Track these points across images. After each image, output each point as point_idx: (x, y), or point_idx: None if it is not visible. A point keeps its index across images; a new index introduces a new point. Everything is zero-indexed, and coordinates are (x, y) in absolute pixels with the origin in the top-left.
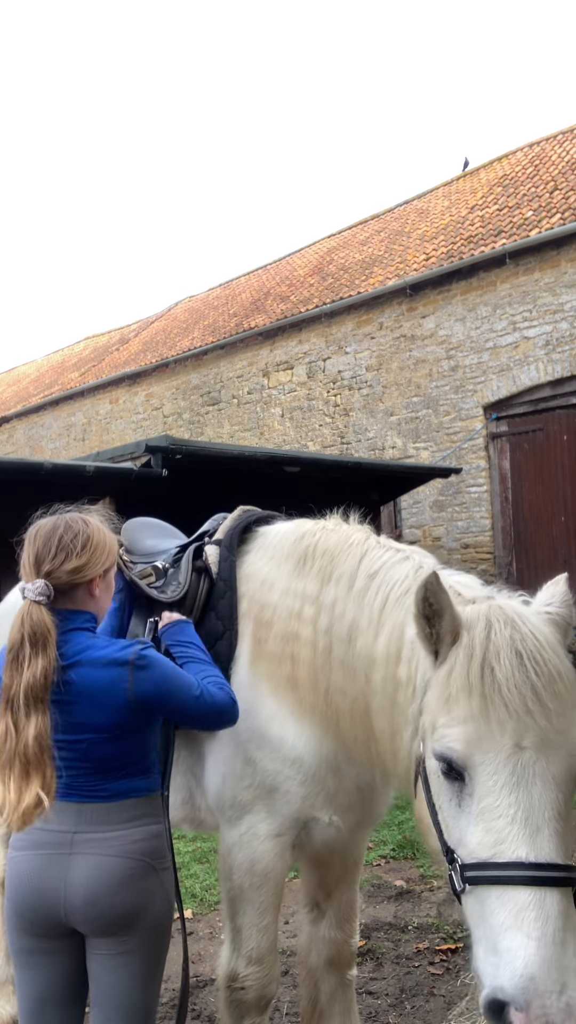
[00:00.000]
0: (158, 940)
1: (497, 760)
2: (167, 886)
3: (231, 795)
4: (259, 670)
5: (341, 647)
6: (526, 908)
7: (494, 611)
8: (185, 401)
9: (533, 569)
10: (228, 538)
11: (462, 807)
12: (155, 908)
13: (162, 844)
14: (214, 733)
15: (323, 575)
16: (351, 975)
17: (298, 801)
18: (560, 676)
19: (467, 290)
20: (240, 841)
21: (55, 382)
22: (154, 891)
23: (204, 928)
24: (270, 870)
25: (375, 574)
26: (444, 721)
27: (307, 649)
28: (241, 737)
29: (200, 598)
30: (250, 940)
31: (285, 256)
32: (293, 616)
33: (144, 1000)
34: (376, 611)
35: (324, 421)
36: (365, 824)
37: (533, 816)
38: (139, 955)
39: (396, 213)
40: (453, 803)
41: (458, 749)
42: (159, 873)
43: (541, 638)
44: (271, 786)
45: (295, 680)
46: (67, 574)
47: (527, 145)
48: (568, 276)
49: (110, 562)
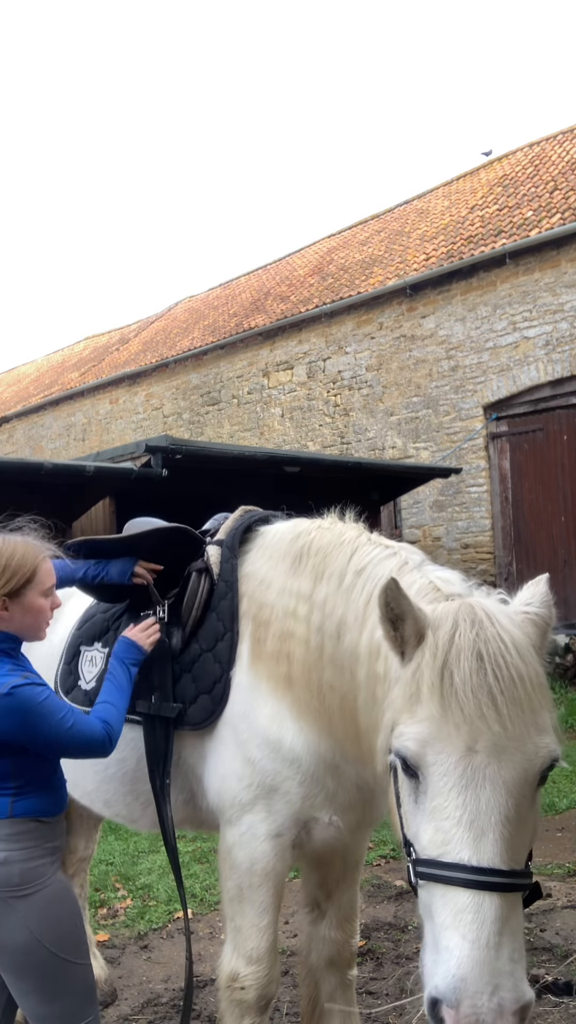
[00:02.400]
0: (32, 964)
1: (449, 762)
2: (24, 913)
3: (231, 795)
4: (258, 670)
5: (331, 644)
6: (464, 910)
7: (463, 611)
8: (185, 401)
9: (533, 569)
10: (230, 538)
11: (418, 803)
12: (8, 935)
13: (12, 872)
14: (216, 734)
15: (316, 573)
16: (351, 975)
17: (298, 801)
18: (521, 680)
19: (467, 290)
20: (240, 841)
21: (55, 382)
22: (2, 918)
23: (204, 928)
24: (270, 870)
25: (362, 570)
26: (404, 719)
27: (301, 647)
28: (241, 737)
29: (200, 598)
30: (250, 940)
31: (285, 256)
32: (289, 615)
33: (49, 1011)
34: (361, 607)
35: (324, 421)
36: (366, 824)
37: (479, 820)
38: (14, 976)
39: (396, 213)
40: (411, 799)
41: (412, 748)
42: (7, 903)
43: (507, 639)
44: (270, 786)
45: (291, 678)
46: None
47: (527, 145)
48: (568, 276)
49: (15, 584)
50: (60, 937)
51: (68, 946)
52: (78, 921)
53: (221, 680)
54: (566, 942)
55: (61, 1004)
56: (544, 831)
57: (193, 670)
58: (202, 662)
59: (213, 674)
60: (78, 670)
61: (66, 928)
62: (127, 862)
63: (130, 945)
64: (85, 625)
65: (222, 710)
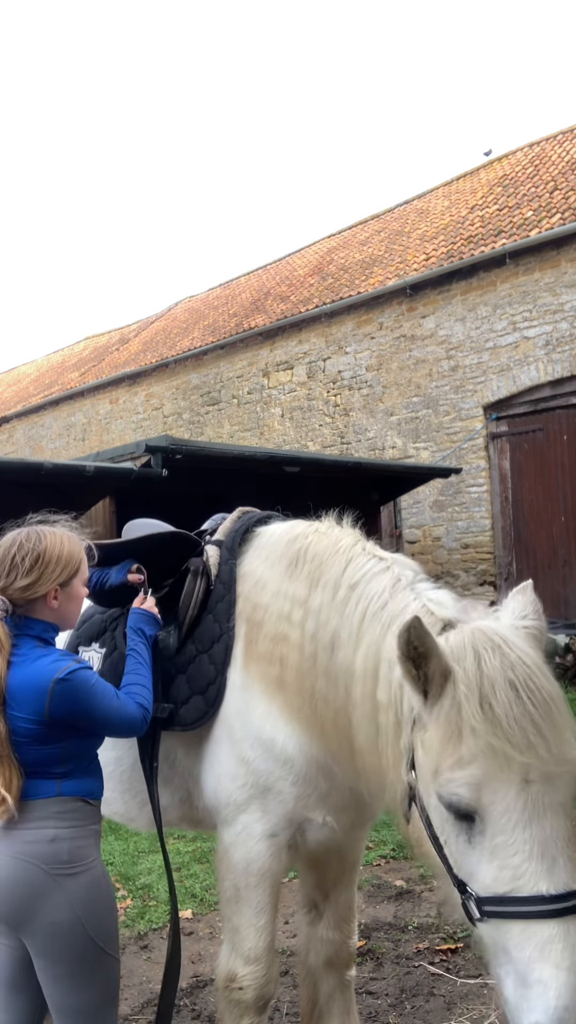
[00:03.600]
0: (70, 947)
1: (507, 799)
2: (70, 892)
3: (226, 795)
4: (251, 671)
5: (325, 655)
6: (552, 941)
7: (479, 639)
8: (185, 401)
9: (533, 569)
10: (229, 540)
11: (472, 843)
12: (51, 914)
13: (60, 849)
14: (211, 734)
15: (311, 579)
16: (350, 975)
17: (291, 801)
18: (553, 701)
19: (467, 290)
20: (236, 841)
21: (55, 382)
22: (48, 896)
23: (204, 928)
24: (266, 870)
25: (356, 584)
26: (449, 764)
27: (295, 652)
28: (236, 736)
29: (197, 598)
30: (248, 940)
31: (285, 256)
32: (283, 618)
33: (77, 1002)
34: (355, 624)
35: (324, 421)
36: (360, 824)
37: (548, 848)
38: (50, 959)
39: (396, 213)
40: (461, 839)
41: (466, 794)
42: (55, 879)
43: (530, 663)
44: (264, 786)
45: (283, 682)
46: (19, 590)
47: (527, 145)
48: (568, 276)
49: (67, 574)
50: (100, 923)
51: (105, 934)
52: (116, 911)
53: (216, 682)
54: None
55: (89, 995)
56: None
57: (188, 671)
58: (197, 663)
59: (208, 675)
60: None
61: (105, 914)
62: (127, 862)
63: (130, 945)
64: (83, 626)
65: (216, 711)
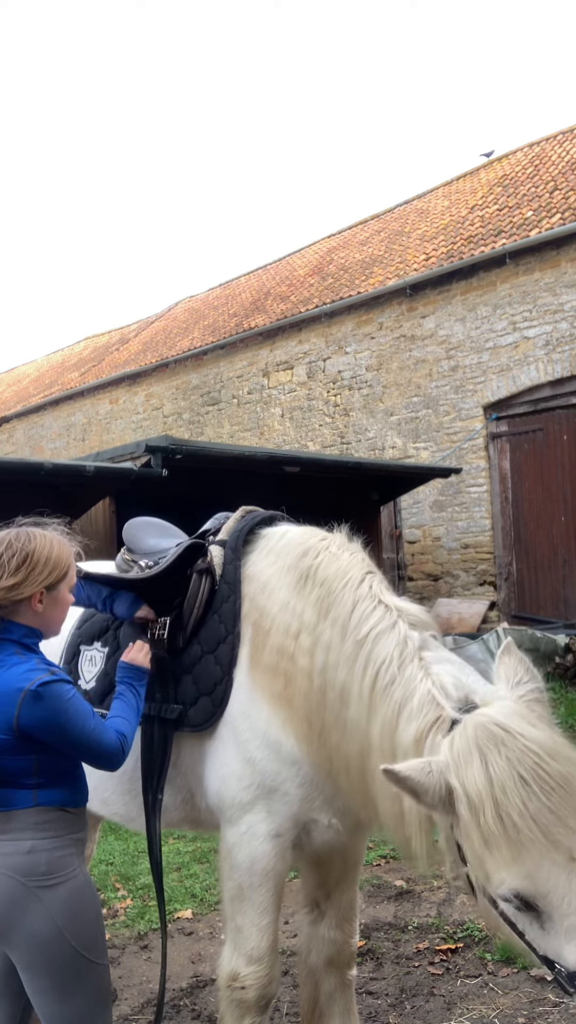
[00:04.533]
0: (52, 958)
1: (559, 884)
2: (48, 904)
3: (231, 795)
4: (256, 677)
5: (335, 702)
6: None
7: (480, 736)
8: (185, 401)
9: (533, 569)
10: (233, 540)
11: (546, 929)
12: (31, 926)
13: (38, 860)
14: (216, 734)
15: (320, 608)
16: (351, 975)
17: (297, 803)
18: (567, 780)
19: (467, 290)
20: (240, 840)
21: (55, 382)
22: (26, 908)
23: (204, 928)
24: (270, 870)
25: (362, 641)
26: (492, 867)
27: (303, 679)
28: (242, 737)
29: (202, 599)
30: (250, 940)
31: (285, 256)
32: (291, 636)
33: (63, 1011)
34: (366, 691)
35: (324, 421)
36: (364, 826)
37: None
38: (34, 971)
39: (396, 213)
40: (535, 927)
41: (524, 891)
42: (32, 891)
43: (535, 748)
44: (271, 787)
45: (290, 701)
46: (3, 591)
47: (527, 145)
48: (568, 276)
49: (54, 578)
50: (82, 932)
51: (89, 943)
52: (100, 918)
53: (222, 683)
54: None
55: (75, 1004)
56: None
57: (194, 672)
58: (203, 664)
59: (214, 676)
60: (78, 669)
61: (89, 923)
62: (127, 862)
63: (130, 945)
64: (85, 625)
65: (222, 712)
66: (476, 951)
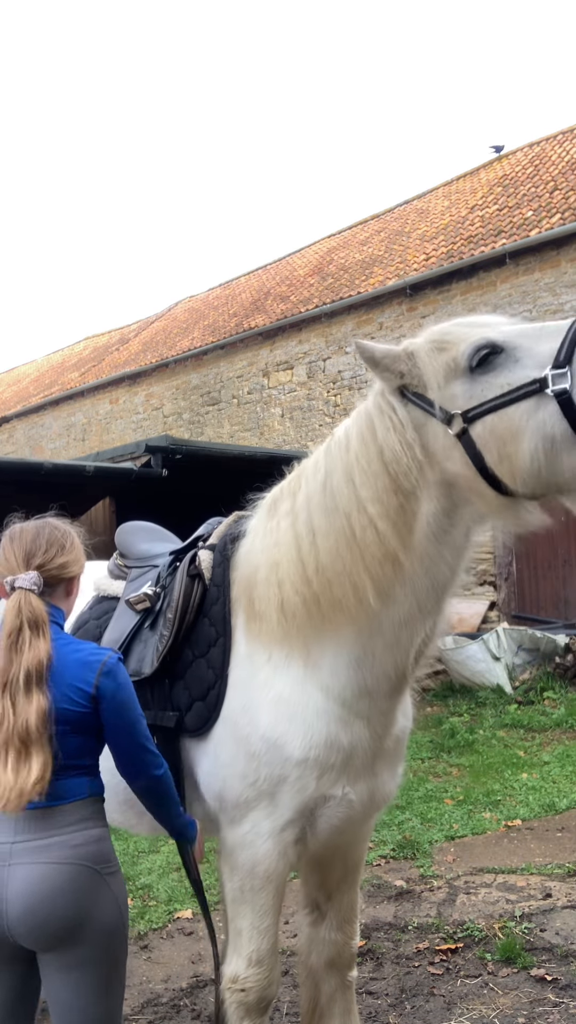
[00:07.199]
0: (112, 948)
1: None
2: (116, 891)
3: (235, 795)
4: (253, 629)
5: (319, 505)
6: None
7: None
8: (185, 401)
9: (533, 569)
10: (222, 543)
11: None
12: (103, 915)
13: (106, 848)
14: (212, 736)
15: (292, 489)
16: (351, 976)
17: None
18: None
19: (467, 290)
20: (243, 841)
21: (55, 382)
22: (100, 897)
23: (204, 928)
24: (272, 872)
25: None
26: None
27: (290, 550)
28: (242, 732)
29: (194, 603)
30: (251, 942)
31: (285, 256)
32: (272, 545)
33: (103, 1012)
34: (341, 440)
35: (324, 421)
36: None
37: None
38: (92, 966)
39: (396, 213)
40: (505, 372)
41: (495, 338)
42: (104, 878)
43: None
44: (279, 776)
45: (282, 605)
46: (57, 568)
47: (527, 145)
48: (568, 276)
49: (83, 567)
50: (127, 921)
51: (127, 934)
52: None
53: (215, 686)
54: (566, 942)
55: (114, 1000)
56: (544, 831)
57: (186, 677)
58: (195, 668)
59: (207, 680)
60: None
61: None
62: (127, 862)
63: (130, 945)
64: (78, 632)
65: (217, 715)
66: (476, 951)
